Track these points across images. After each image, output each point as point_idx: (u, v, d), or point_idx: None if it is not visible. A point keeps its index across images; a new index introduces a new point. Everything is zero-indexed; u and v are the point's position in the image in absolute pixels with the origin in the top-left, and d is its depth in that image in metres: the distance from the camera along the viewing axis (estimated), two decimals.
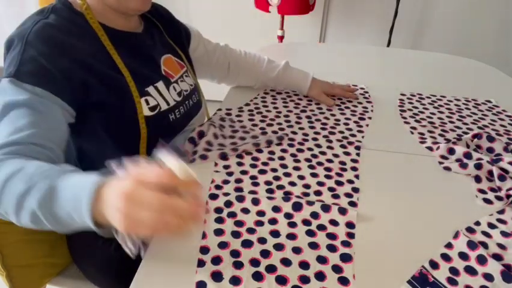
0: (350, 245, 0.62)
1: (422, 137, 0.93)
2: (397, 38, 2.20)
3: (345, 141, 0.89)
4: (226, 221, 0.66)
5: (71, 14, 0.75)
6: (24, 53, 0.66)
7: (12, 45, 0.68)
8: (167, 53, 0.90)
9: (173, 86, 0.87)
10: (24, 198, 0.52)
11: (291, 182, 0.76)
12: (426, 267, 0.59)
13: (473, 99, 1.12)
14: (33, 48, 0.66)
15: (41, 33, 0.68)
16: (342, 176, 0.78)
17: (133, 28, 0.84)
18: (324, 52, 1.50)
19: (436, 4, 2.14)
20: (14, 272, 0.81)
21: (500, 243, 0.64)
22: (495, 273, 0.58)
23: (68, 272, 0.91)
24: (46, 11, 0.73)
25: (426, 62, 1.42)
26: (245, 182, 0.75)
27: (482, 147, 0.87)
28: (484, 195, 0.75)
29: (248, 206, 0.69)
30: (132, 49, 0.81)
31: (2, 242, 0.78)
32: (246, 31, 2.31)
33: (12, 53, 0.67)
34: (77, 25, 0.74)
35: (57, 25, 0.71)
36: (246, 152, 0.83)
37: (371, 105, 1.07)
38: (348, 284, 0.56)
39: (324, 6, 2.23)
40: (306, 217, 0.67)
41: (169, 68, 0.88)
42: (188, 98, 0.91)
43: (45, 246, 0.86)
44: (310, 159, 0.83)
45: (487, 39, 2.18)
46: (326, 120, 0.98)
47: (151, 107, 0.79)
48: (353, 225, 0.66)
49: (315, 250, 0.61)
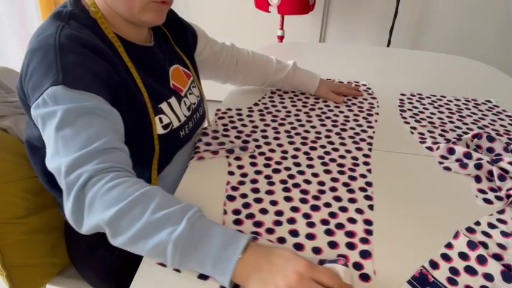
0: (369, 242, 0.63)
1: (422, 137, 0.93)
2: (397, 38, 2.20)
3: (357, 138, 0.91)
4: (245, 223, 0.66)
5: (89, 21, 0.70)
6: (62, 58, 0.61)
7: (38, 54, 0.63)
8: (175, 64, 0.88)
9: (184, 100, 0.85)
10: (156, 228, 0.52)
11: (305, 179, 0.76)
12: (427, 267, 0.59)
13: (473, 99, 1.12)
14: (70, 53, 0.63)
15: (73, 37, 0.64)
16: (355, 171, 0.79)
17: (145, 40, 0.81)
18: (324, 52, 1.50)
19: (436, 4, 2.14)
20: (14, 272, 0.81)
21: (500, 243, 0.64)
22: (495, 273, 0.58)
23: (68, 272, 0.91)
24: (64, 15, 0.68)
25: (426, 62, 1.42)
26: (260, 182, 0.75)
27: (482, 147, 0.87)
28: (484, 195, 0.75)
29: (266, 207, 0.69)
30: (146, 64, 0.78)
31: (2, 242, 0.78)
32: (246, 31, 2.31)
33: (43, 62, 0.62)
34: (96, 33, 0.70)
35: (82, 31, 0.67)
36: (259, 153, 0.84)
37: (376, 101, 1.09)
38: (369, 280, 0.57)
39: (324, 6, 2.23)
40: (325, 217, 0.68)
41: (177, 81, 0.86)
42: (195, 112, 0.90)
43: (45, 246, 0.86)
44: (323, 157, 0.84)
45: (487, 39, 2.18)
46: (336, 118, 1.00)
47: (164, 125, 0.77)
48: (370, 223, 0.67)
49: (335, 249, 0.61)
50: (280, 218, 0.67)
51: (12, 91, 0.92)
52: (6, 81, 0.92)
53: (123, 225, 0.53)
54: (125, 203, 0.53)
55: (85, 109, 0.60)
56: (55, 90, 0.59)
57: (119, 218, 0.53)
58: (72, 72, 0.61)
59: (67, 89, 0.59)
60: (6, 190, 0.79)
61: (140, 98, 0.73)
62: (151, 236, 0.52)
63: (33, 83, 0.62)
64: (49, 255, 0.87)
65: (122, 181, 0.56)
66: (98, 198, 0.54)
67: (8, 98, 0.89)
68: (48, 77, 0.60)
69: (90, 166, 0.56)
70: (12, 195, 0.80)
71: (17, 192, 0.81)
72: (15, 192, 0.81)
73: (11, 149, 0.82)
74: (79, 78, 0.62)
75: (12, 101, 0.89)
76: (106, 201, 0.54)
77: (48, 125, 0.59)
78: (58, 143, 0.57)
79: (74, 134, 0.57)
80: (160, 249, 0.52)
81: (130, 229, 0.53)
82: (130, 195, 0.54)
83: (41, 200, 0.85)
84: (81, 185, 0.55)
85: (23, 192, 0.82)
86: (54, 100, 0.59)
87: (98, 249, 0.83)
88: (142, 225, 0.52)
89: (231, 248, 0.51)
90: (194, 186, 0.75)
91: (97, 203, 0.54)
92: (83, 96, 0.60)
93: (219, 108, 1.02)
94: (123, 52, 0.73)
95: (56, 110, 0.59)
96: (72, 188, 0.55)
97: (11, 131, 0.85)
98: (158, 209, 0.53)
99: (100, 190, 0.54)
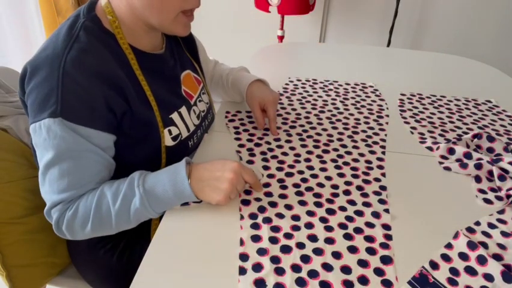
0: (389, 247, 0.62)
1: (422, 137, 0.93)
2: (397, 38, 2.20)
3: (370, 141, 0.90)
4: (263, 227, 0.66)
5: (102, 34, 0.70)
6: (63, 88, 0.63)
7: (42, 73, 0.64)
8: (187, 69, 0.88)
9: (193, 108, 0.85)
10: (125, 203, 0.67)
11: (319, 183, 0.76)
12: (427, 267, 0.59)
13: (473, 99, 1.12)
14: (72, 83, 0.63)
15: (78, 62, 0.64)
16: (369, 175, 0.79)
17: (157, 47, 0.81)
18: (324, 52, 1.50)
19: (436, 4, 2.14)
20: (14, 272, 0.81)
21: (500, 243, 0.64)
22: (495, 273, 0.58)
23: (68, 272, 0.91)
24: (76, 28, 0.68)
25: (426, 62, 1.42)
26: (273, 185, 0.75)
27: (482, 147, 0.87)
28: (484, 195, 0.75)
29: (282, 211, 0.69)
30: (157, 73, 0.78)
31: (2, 242, 0.78)
32: (246, 31, 2.31)
33: (45, 84, 0.63)
34: (108, 46, 0.70)
35: (91, 50, 0.67)
36: (271, 156, 0.84)
37: (385, 102, 1.09)
38: (392, 286, 0.56)
39: (324, 6, 2.23)
40: (342, 220, 0.67)
41: (189, 87, 0.86)
42: (204, 119, 0.90)
43: (45, 246, 0.86)
44: (336, 160, 0.83)
45: (487, 39, 2.18)
46: (347, 120, 0.99)
47: (173, 136, 0.78)
48: (388, 227, 0.66)
49: (355, 254, 0.61)
50: (297, 222, 0.66)
51: (12, 91, 0.92)
52: (6, 81, 0.92)
53: (104, 227, 0.69)
54: (92, 214, 0.67)
55: (74, 152, 0.65)
56: (52, 123, 0.63)
57: (97, 225, 0.68)
58: (71, 106, 0.63)
59: (63, 124, 0.63)
60: (6, 190, 0.79)
61: (149, 113, 0.73)
62: (126, 217, 0.67)
63: (32, 101, 0.65)
64: (49, 255, 0.87)
65: (79, 202, 0.68)
66: (71, 223, 0.68)
67: (8, 98, 0.89)
68: (48, 104, 0.63)
69: (63, 206, 0.68)
70: (12, 195, 0.80)
71: (17, 192, 0.81)
72: (15, 192, 0.81)
73: (11, 149, 0.82)
74: (77, 112, 0.64)
75: (12, 101, 0.89)
76: (79, 222, 0.68)
77: (39, 153, 0.67)
78: (46, 178, 0.67)
79: (60, 176, 0.66)
80: (138, 217, 0.68)
81: (110, 225, 0.68)
82: (91, 207, 0.67)
83: (41, 200, 0.85)
84: (56, 220, 0.69)
85: (23, 192, 0.82)
86: (48, 133, 0.63)
87: (99, 250, 0.83)
88: (115, 217, 0.67)
89: (179, 180, 0.67)
90: None
91: (75, 226, 0.68)
92: (77, 133, 0.64)
93: (229, 111, 1.01)
94: (135, 64, 0.73)
95: (48, 147, 0.64)
96: (51, 220, 0.69)
97: (11, 131, 0.85)
98: (115, 198, 0.67)
99: (70, 218, 0.68)
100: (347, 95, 1.12)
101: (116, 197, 0.67)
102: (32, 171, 0.84)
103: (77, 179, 0.67)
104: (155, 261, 0.59)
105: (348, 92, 1.14)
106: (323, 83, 1.19)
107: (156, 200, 0.66)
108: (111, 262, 0.82)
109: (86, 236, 0.70)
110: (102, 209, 0.67)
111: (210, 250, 0.61)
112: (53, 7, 1.83)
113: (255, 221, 0.67)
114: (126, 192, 0.67)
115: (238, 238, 0.63)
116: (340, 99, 1.09)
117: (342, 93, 1.13)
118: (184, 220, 0.67)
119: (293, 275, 0.57)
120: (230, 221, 0.67)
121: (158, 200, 0.67)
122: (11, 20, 1.78)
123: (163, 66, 0.81)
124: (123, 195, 0.67)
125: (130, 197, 0.67)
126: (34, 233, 0.84)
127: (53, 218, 0.68)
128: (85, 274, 0.88)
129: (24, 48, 1.87)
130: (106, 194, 0.67)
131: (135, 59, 0.73)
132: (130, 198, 0.67)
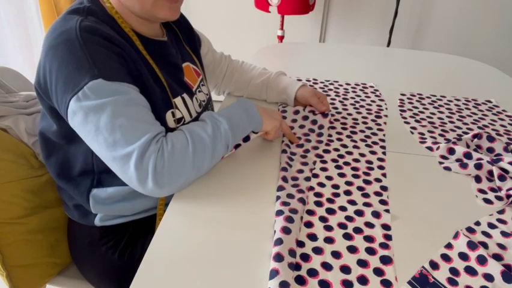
0: (388, 247, 0.62)
1: (422, 137, 0.93)
2: (397, 38, 2.21)
3: (369, 141, 0.90)
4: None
5: (106, 17, 0.72)
6: (90, 51, 0.64)
7: (62, 49, 0.64)
8: (186, 61, 0.89)
9: (195, 97, 0.86)
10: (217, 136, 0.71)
11: (319, 183, 0.76)
12: (427, 267, 0.59)
13: (473, 99, 1.12)
14: (94, 44, 0.65)
15: (94, 29, 0.66)
16: (370, 175, 0.79)
17: (158, 35, 0.82)
18: (324, 52, 1.50)
19: (436, 4, 2.14)
20: (14, 272, 0.81)
21: (500, 243, 0.64)
22: (495, 273, 0.58)
23: (68, 272, 0.91)
24: (82, 11, 0.70)
25: (426, 62, 1.42)
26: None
27: (482, 147, 0.87)
28: (484, 195, 0.75)
29: (282, 209, 0.68)
30: (161, 57, 0.79)
31: (2, 242, 0.78)
32: (246, 31, 2.31)
33: (70, 56, 0.64)
34: (114, 29, 0.71)
35: (100, 26, 0.68)
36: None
37: (384, 103, 1.09)
38: (391, 286, 0.56)
39: (324, 6, 2.23)
40: (341, 220, 0.67)
41: (189, 78, 0.87)
42: (206, 109, 0.91)
43: (45, 246, 0.86)
44: (337, 160, 0.83)
45: (487, 39, 2.18)
46: (345, 120, 0.99)
47: (177, 119, 0.78)
48: (388, 227, 0.66)
49: (354, 254, 0.61)
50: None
51: (12, 91, 0.92)
52: (6, 81, 0.92)
53: (204, 152, 0.69)
54: (190, 139, 0.68)
55: (130, 100, 0.65)
56: (96, 84, 0.63)
57: (199, 150, 0.68)
58: (105, 65, 0.65)
59: (106, 82, 0.63)
60: (6, 190, 0.79)
61: (157, 90, 0.74)
62: (219, 139, 0.71)
63: (65, 78, 0.64)
64: (49, 255, 0.87)
65: (170, 136, 0.68)
66: (171, 155, 0.65)
67: (8, 98, 0.89)
68: (83, 71, 0.63)
69: (156, 145, 0.65)
70: (12, 195, 0.80)
71: (17, 192, 0.81)
72: (15, 192, 0.81)
73: (11, 149, 0.82)
74: (113, 71, 0.65)
75: (12, 101, 0.89)
76: (182, 149, 0.66)
77: (94, 117, 0.63)
78: (116, 132, 0.63)
79: (131, 123, 0.64)
80: (225, 142, 0.72)
81: (209, 148, 0.69)
82: (185, 136, 0.69)
83: (41, 200, 0.85)
84: (154, 162, 0.63)
85: (23, 192, 0.82)
86: (97, 93, 0.63)
87: (100, 248, 0.83)
88: (211, 141, 0.70)
89: (250, 110, 0.77)
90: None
91: (175, 158, 0.66)
92: (121, 87, 0.65)
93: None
94: (140, 45, 0.75)
95: (104, 103, 0.63)
96: (147, 166, 0.63)
97: (11, 131, 0.85)
98: (203, 125, 0.71)
99: (170, 150, 0.65)
100: (347, 95, 1.12)
101: (204, 124, 0.71)
102: (32, 171, 0.84)
103: (149, 117, 0.67)
104: (158, 255, 0.59)
105: (348, 92, 1.14)
106: (323, 83, 1.20)
107: (236, 126, 0.74)
108: (112, 259, 0.82)
109: (186, 173, 0.67)
110: (197, 133, 0.69)
111: (212, 246, 0.61)
112: (53, 7, 1.83)
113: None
114: (211, 119, 0.72)
115: (239, 235, 0.63)
116: (339, 99, 1.09)
117: (342, 93, 1.13)
118: (186, 215, 0.67)
119: (293, 273, 0.57)
120: (231, 217, 0.67)
121: (237, 126, 0.74)
122: (11, 20, 1.78)
123: (168, 52, 0.82)
124: (211, 122, 0.72)
125: (219, 123, 0.72)
126: (34, 233, 0.84)
127: (149, 165, 0.63)
128: (86, 272, 0.88)
129: (24, 48, 1.87)
130: (192, 127, 0.71)
131: (139, 41, 0.75)
132: (219, 124, 0.72)
